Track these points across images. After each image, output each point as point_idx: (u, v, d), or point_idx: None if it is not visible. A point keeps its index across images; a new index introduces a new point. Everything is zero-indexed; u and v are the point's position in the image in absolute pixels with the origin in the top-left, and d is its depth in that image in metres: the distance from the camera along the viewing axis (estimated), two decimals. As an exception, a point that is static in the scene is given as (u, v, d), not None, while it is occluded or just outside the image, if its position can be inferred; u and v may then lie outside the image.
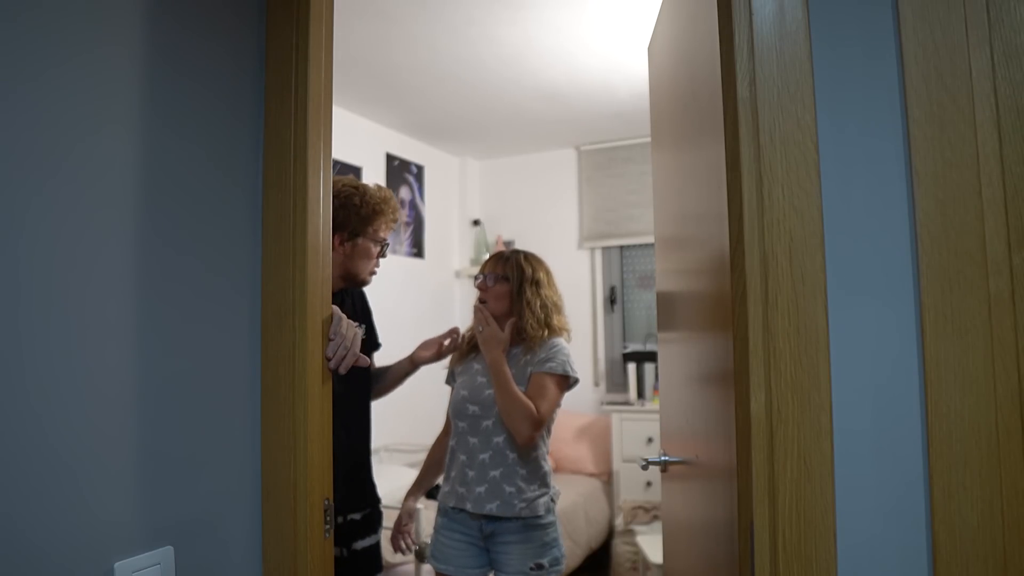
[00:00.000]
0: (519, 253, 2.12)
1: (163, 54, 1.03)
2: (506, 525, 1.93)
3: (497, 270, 2.07)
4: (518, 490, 1.92)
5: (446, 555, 2.00)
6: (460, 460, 2.00)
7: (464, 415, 2.01)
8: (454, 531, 2.00)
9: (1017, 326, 0.80)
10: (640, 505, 3.92)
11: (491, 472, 1.94)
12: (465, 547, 1.98)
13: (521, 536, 1.93)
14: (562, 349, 2.03)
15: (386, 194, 1.86)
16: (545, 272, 2.11)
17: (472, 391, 2.02)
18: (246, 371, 1.15)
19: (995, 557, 0.79)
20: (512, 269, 2.05)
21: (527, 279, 2.04)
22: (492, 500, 1.92)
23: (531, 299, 2.02)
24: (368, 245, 1.81)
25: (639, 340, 4.66)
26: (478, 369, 2.06)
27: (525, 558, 1.91)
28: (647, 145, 4.31)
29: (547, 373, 1.96)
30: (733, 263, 0.97)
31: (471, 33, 3.01)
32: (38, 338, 0.85)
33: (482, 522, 1.95)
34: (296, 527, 1.13)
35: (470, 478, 1.96)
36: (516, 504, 1.91)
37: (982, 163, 0.81)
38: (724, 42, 0.99)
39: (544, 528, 1.96)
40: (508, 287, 2.04)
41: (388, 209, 1.84)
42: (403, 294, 4.29)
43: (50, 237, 0.87)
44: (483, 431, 1.97)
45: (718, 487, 1.13)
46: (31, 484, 0.84)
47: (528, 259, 2.10)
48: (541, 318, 2.02)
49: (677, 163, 1.48)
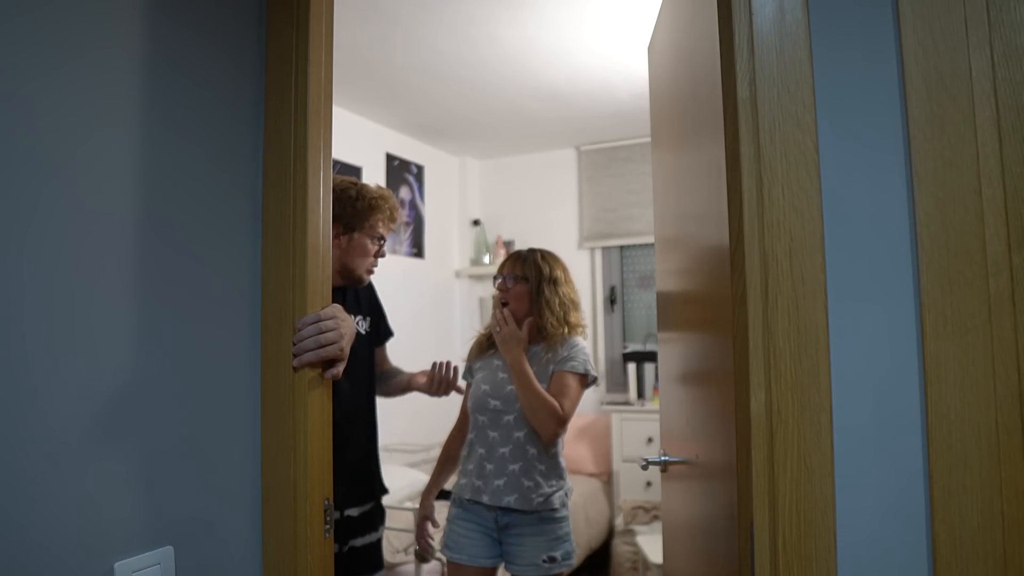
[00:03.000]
0: (536, 252, 2.13)
1: (163, 54, 1.03)
2: (522, 518, 1.95)
3: (516, 270, 2.09)
4: (536, 484, 1.95)
5: (460, 545, 2.01)
6: (479, 453, 2.02)
7: (485, 409, 2.03)
8: (469, 521, 2.02)
9: (1017, 326, 0.80)
10: (640, 505, 3.92)
11: (510, 466, 1.96)
12: (479, 537, 2.00)
13: (535, 529, 1.95)
14: (583, 348, 2.06)
15: (384, 192, 1.86)
16: (562, 270, 2.13)
17: (493, 386, 2.04)
18: (246, 371, 1.15)
19: (995, 557, 0.79)
20: (531, 269, 2.08)
21: (545, 278, 2.07)
22: (511, 493, 1.94)
23: (550, 298, 2.05)
24: (364, 241, 1.80)
25: (639, 340, 4.66)
26: (498, 365, 2.08)
27: (538, 550, 1.94)
28: (647, 145, 4.31)
29: (569, 372, 2.00)
30: (733, 263, 0.97)
31: (471, 33, 3.01)
32: (41, 336, 0.85)
33: (498, 514, 1.97)
34: (296, 527, 1.13)
35: (488, 471, 1.98)
36: (534, 498, 1.94)
37: (982, 163, 0.81)
38: (724, 42, 0.99)
39: (558, 522, 1.98)
40: (527, 287, 2.06)
41: (385, 206, 1.83)
42: (403, 294, 4.29)
43: (54, 237, 0.87)
44: (504, 425, 1.99)
45: (718, 487, 1.13)
46: (32, 483, 0.84)
47: (546, 258, 2.12)
48: (560, 316, 2.05)
49: (677, 163, 1.48)
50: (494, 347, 2.13)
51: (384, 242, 1.88)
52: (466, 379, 2.19)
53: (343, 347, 1.21)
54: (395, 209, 1.88)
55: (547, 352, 2.04)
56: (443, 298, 4.81)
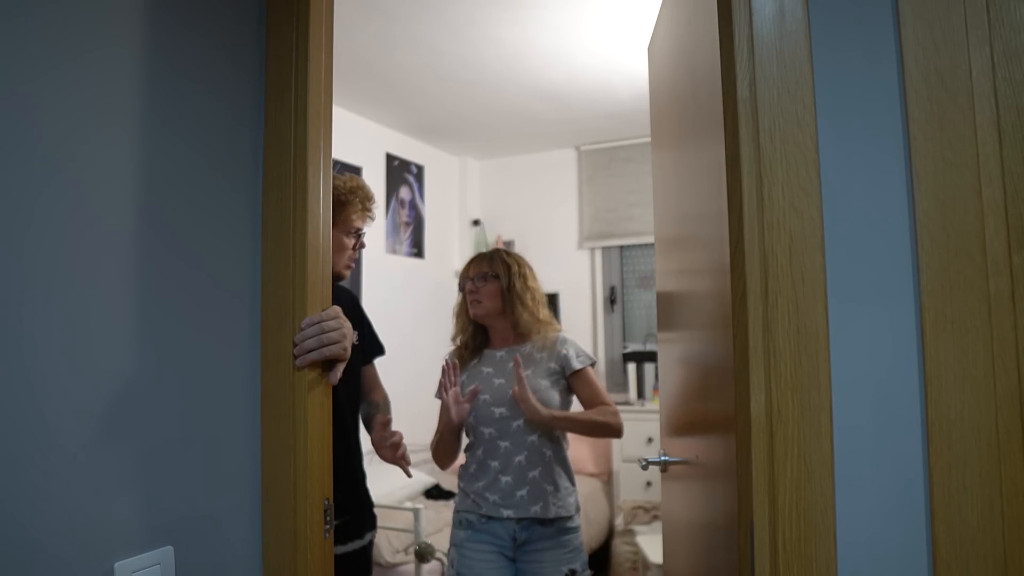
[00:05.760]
0: (500, 251, 2.13)
1: (163, 54, 1.03)
2: (540, 531, 1.90)
3: (484, 268, 2.07)
4: (555, 488, 1.92)
5: (475, 570, 1.91)
6: (492, 468, 1.93)
7: (490, 420, 1.95)
8: (482, 543, 1.93)
9: (1017, 326, 0.80)
10: (640, 505, 3.92)
11: (530, 473, 1.91)
12: (495, 558, 1.92)
13: (553, 542, 1.90)
14: (575, 342, 2.06)
15: (353, 183, 1.76)
16: (528, 267, 2.13)
17: (493, 394, 1.96)
18: (246, 371, 1.15)
19: (995, 557, 0.79)
20: (499, 266, 2.06)
21: (515, 274, 2.05)
22: (535, 502, 1.89)
23: (522, 293, 2.04)
24: (340, 237, 1.72)
25: (639, 340, 4.66)
26: (489, 372, 2.02)
27: (558, 564, 1.88)
28: (647, 145, 4.31)
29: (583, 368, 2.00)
30: (733, 263, 0.97)
31: (471, 33, 3.01)
32: (41, 337, 0.85)
33: (516, 530, 1.90)
34: (296, 527, 1.13)
35: (505, 484, 1.91)
36: (553, 505, 1.90)
37: (982, 163, 0.81)
38: (724, 42, 0.99)
39: (574, 531, 1.95)
40: (498, 284, 2.04)
41: (355, 199, 1.75)
42: (403, 294, 4.29)
43: (54, 238, 0.87)
44: (514, 432, 1.93)
45: (718, 487, 1.13)
46: (32, 483, 0.84)
47: (511, 255, 2.12)
48: (533, 311, 2.04)
49: (677, 163, 1.48)
50: (476, 356, 2.08)
51: (363, 233, 1.80)
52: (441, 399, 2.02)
53: (346, 347, 1.20)
54: (368, 198, 1.79)
55: (539, 351, 2.01)
56: (443, 298, 4.80)
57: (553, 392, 1.96)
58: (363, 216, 1.80)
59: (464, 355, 2.11)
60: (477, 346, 2.11)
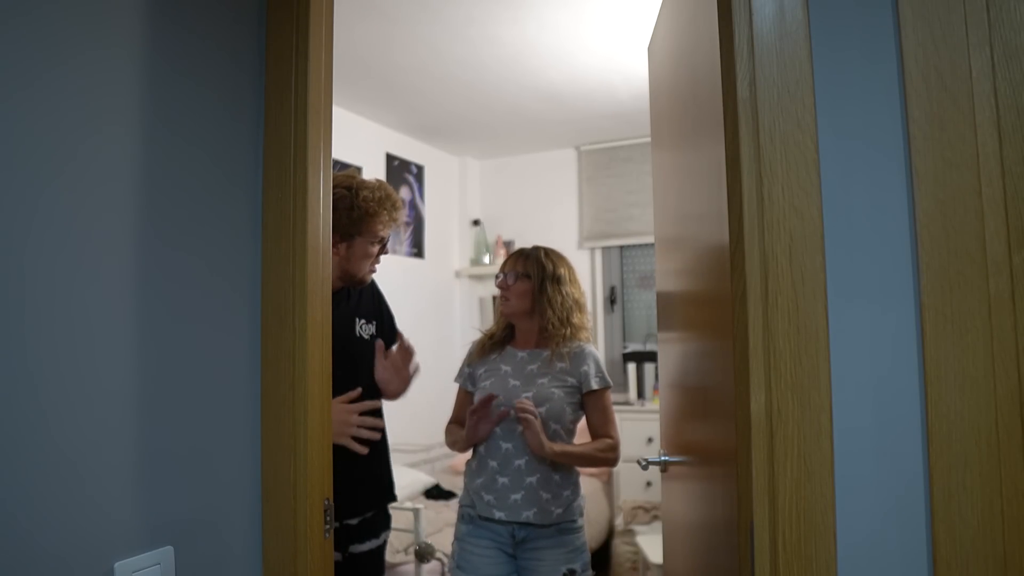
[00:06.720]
0: (539, 249, 2.06)
1: (163, 54, 1.03)
2: (539, 531, 1.88)
3: (518, 267, 2.01)
4: (554, 496, 1.88)
5: (473, 564, 1.91)
6: (490, 467, 1.92)
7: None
8: (481, 538, 1.92)
9: (1017, 326, 0.80)
10: (640, 505, 3.92)
11: (528, 478, 1.88)
12: (494, 554, 1.91)
13: (554, 541, 1.88)
14: (597, 358, 2.00)
15: (382, 193, 1.78)
16: (567, 268, 2.05)
17: (507, 394, 1.94)
18: (246, 371, 1.15)
19: (995, 557, 0.79)
20: (533, 266, 2.00)
21: (548, 275, 1.99)
22: (529, 507, 1.86)
23: (552, 296, 1.98)
24: (365, 245, 1.75)
25: (639, 340, 4.66)
26: (507, 371, 1.99)
27: (557, 563, 1.87)
28: (647, 145, 4.31)
29: (599, 390, 1.95)
30: (733, 263, 0.97)
31: (471, 33, 3.01)
32: (42, 336, 0.85)
33: (514, 528, 1.89)
34: (296, 527, 1.13)
35: (501, 485, 1.89)
36: (552, 511, 1.87)
37: (982, 163, 0.81)
38: (724, 42, 0.99)
39: (576, 532, 1.93)
40: (529, 284, 1.98)
41: (383, 210, 1.76)
42: (403, 294, 4.28)
43: (55, 238, 0.87)
44: (518, 436, 1.90)
45: (718, 487, 1.13)
46: (33, 483, 0.84)
47: (549, 255, 2.04)
48: (563, 316, 1.97)
49: (677, 163, 1.48)
50: (497, 349, 2.05)
51: (387, 241, 1.82)
52: (465, 387, 2.09)
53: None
54: (396, 208, 1.80)
55: (557, 360, 1.95)
56: (443, 298, 4.81)
57: (566, 405, 1.93)
58: (389, 224, 1.80)
59: (487, 346, 2.08)
60: (502, 340, 2.08)
